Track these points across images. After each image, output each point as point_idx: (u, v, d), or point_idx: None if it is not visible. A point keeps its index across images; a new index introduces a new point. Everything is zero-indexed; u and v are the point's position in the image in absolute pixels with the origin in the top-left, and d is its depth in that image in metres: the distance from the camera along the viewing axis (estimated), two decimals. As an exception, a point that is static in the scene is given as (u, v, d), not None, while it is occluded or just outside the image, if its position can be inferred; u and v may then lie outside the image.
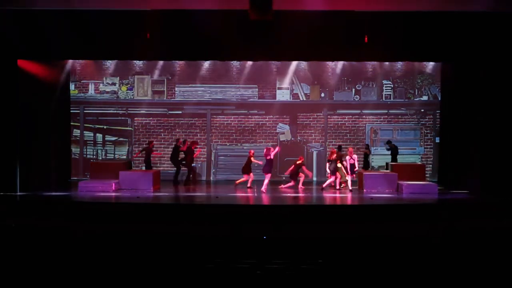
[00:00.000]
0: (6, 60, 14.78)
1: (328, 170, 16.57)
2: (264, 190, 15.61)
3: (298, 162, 16.27)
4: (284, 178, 18.23)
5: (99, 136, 19.32)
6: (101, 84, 19.24)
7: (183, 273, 7.91)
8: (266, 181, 15.78)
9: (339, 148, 17.59)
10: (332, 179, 16.33)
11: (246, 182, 16.39)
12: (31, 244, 9.47)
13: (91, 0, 14.04)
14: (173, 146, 17.75)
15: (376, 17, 14.19)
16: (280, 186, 16.52)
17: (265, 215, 12.99)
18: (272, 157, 15.91)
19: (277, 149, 16.51)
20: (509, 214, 12.95)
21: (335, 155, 16.33)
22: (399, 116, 19.26)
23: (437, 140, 18.89)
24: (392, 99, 19.22)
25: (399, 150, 18.07)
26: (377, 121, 19.27)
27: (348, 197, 15.34)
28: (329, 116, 19.25)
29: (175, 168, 17.40)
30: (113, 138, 19.36)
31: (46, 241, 9.79)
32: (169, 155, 17.74)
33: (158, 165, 19.05)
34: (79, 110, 19.15)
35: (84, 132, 19.25)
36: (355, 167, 16.37)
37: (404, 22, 14.21)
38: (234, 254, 8.81)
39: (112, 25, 14.42)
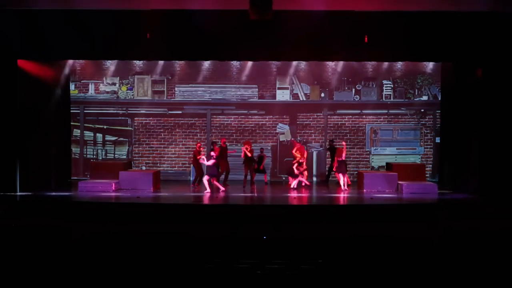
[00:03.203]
0: (6, 60, 14.77)
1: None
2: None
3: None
4: (284, 178, 18.25)
5: (99, 136, 19.33)
6: (101, 84, 19.24)
7: (183, 273, 7.91)
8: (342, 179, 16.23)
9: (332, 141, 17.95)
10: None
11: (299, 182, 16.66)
12: (31, 244, 9.47)
13: (91, 0, 14.04)
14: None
15: (376, 17, 14.19)
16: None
17: (265, 215, 12.99)
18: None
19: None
20: (509, 214, 12.95)
21: (344, 153, 16.63)
22: (399, 116, 19.26)
23: (437, 140, 18.89)
24: (392, 99, 19.22)
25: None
26: (377, 121, 19.27)
27: (349, 197, 15.37)
28: (329, 116, 19.25)
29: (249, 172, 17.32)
30: (113, 138, 19.36)
31: (46, 241, 9.79)
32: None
33: (158, 164, 19.07)
34: (79, 110, 19.15)
35: (84, 132, 19.26)
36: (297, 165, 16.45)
37: (404, 22, 14.21)
38: (234, 254, 8.82)
39: (112, 25, 14.42)
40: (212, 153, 15.62)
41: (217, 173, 15.85)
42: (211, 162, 15.41)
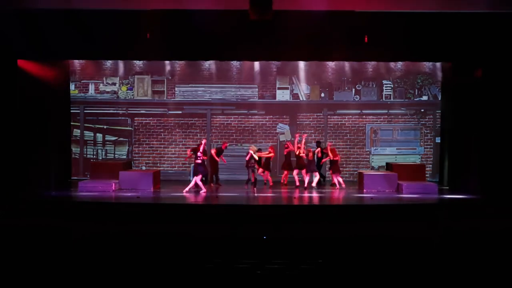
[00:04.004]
0: (6, 60, 14.76)
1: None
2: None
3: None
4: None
5: (99, 136, 19.32)
6: (101, 84, 19.25)
7: (183, 273, 7.92)
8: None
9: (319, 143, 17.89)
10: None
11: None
12: (31, 244, 9.47)
13: (91, 0, 14.04)
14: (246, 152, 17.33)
15: (376, 17, 14.19)
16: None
17: (265, 215, 12.99)
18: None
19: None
20: (509, 214, 12.95)
21: (337, 155, 16.59)
22: (399, 116, 19.25)
23: (437, 140, 18.89)
24: (392, 99, 19.22)
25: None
26: (377, 121, 19.27)
27: (349, 197, 15.37)
28: (329, 116, 19.25)
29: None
30: (113, 138, 19.36)
31: (46, 241, 9.80)
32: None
33: (158, 164, 19.07)
34: (79, 110, 19.15)
35: (84, 132, 19.25)
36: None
37: (404, 22, 14.20)
38: (234, 254, 8.83)
39: (112, 25, 14.42)
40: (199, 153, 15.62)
41: (205, 171, 15.91)
42: (199, 160, 15.48)
